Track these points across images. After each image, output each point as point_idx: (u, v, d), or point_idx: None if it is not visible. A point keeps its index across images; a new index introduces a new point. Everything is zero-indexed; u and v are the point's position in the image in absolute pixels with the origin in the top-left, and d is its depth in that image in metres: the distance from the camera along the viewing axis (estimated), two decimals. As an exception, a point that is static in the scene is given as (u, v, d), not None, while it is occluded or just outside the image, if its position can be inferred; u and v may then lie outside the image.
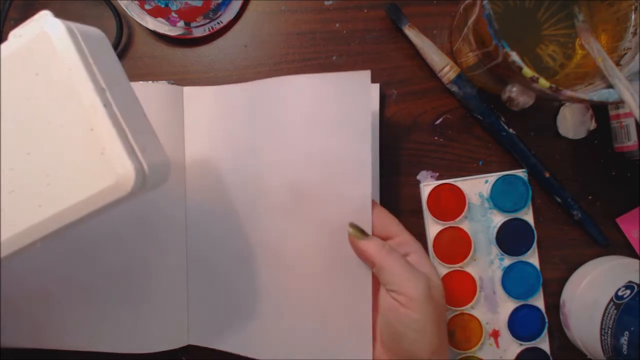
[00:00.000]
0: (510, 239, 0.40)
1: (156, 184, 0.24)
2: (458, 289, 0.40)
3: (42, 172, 0.23)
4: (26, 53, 0.22)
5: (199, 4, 0.38)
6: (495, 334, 0.41)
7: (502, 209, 0.40)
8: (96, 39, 0.24)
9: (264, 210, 0.39)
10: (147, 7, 0.38)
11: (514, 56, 0.28)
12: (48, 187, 0.23)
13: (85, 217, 0.23)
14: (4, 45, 0.23)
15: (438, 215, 0.40)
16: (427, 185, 0.40)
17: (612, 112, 0.40)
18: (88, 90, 0.22)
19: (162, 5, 0.38)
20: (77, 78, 0.22)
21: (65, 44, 0.22)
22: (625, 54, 0.33)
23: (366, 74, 0.35)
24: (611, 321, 0.34)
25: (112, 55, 0.25)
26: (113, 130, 0.22)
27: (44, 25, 0.22)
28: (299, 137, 0.38)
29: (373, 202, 0.35)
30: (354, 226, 0.34)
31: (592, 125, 0.40)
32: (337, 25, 0.40)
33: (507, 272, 0.40)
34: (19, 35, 0.22)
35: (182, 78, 0.41)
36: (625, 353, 0.33)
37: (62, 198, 0.23)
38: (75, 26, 0.23)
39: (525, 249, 0.40)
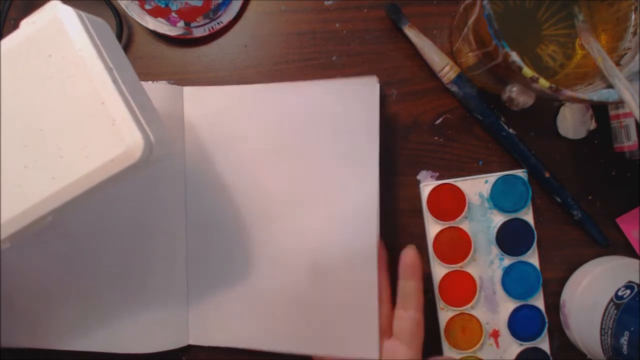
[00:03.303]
0: (510, 239, 0.40)
1: (160, 156, 0.26)
2: (458, 289, 0.40)
3: (55, 146, 0.25)
4: (40, 37, 0.24)
5: (199, 4, 0.38)
6: (495, 334, 0.41)
7: (502, 209, 0.40)
8: (100, 25, 0.26)
9: (265, 209, 0.39)
10: (147, 7, 0.38)
11: (514, 56, 0.28)
12: (61, 159, 0.25)
13: (96, 187, 0.25)
14: (18, 31, 0.25)
15: (438, 215, 0.40)
16: (427, 185, 0.40)
17: (612, 112, 0.40)
18: (98, 68, 0.24)
19: (162, 5, 0.38)
20: (88, 57, 0.24)
21: (76, 27, 0.24)
22: (625, 54, 0.33)
23: (373, 80, 0.36)
24: (611, 321, 0.34)
25: (115, 41, 0.27)
26: (122, 104, 0.24)
27: (56, 12, 0.24)
28: (300, 138, 0.38)
29: (414, 274, 0.36)
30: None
31: (592, 125, 0.40)
32: (337, 25, 0.40)
33: (507, 272, 0.40)
34: (31, 22, 0.25)
35: (182, 78, 0.41)
36: (625, 353, 0.33)
37: (74, 169, 0.24)
38: (83, 13, 0.25)
39: (525, 249, 0.40)
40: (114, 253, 0.39)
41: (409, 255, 0.36)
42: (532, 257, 0.41)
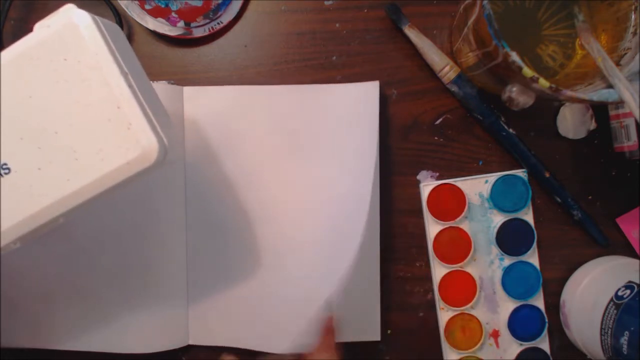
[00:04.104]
0: (510, 239, 0.40)
1: (173, 159, 0.26)
2: (458, 289, 0.40)
3: (70, 149, 0.25)
4: (55, 41, 0.24)
5: (199, 4, 0.38)
6: (495, 334, 0.41)
7: (502, 209, 0.40)
8: (114, 29, 0.26)
9: (265, 209, 0.39)
10: (147, 7, 0.38)
11: (514, 56, 0.28)
12: (76, 162, 0.25)
13: (110, 190, 0.25)
14: (32, 35, 0.25)
15: (438, 215, 0.40)
16: (427, 185, 0.40)
17: (612, 112, 0.40)
18: (114, 73, 0.24)
19: (162, 5, 0.38)
20: (104, 62, 0.24)
21: (91, 32, 0.24)
22: (625, 54, 0.33)
23: (374, 85, 0.37)
24: (611, 321, 0.34)
25: (128, 45, 0.27)
26: (138, 108, 0.24)
27: (72, 16, 0.24)
28: (300, 140, 0.39)
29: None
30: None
31: (592, 125, 0.40)
32: (337, 25, 0.40)
33: (507, 272, 0.40)
34: (46, 25, 0.25)
35: (182, 78, 0.41)
36: (625, 353, 0.33)
37: (89, 171, 0.25)
38: (98, 17, 0.25)
39: (525, 249, 0.40)
40: (114, 253, 0.39)
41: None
42: (532, 257, 0.41)
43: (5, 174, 0.25)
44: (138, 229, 0.39)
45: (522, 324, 0.40)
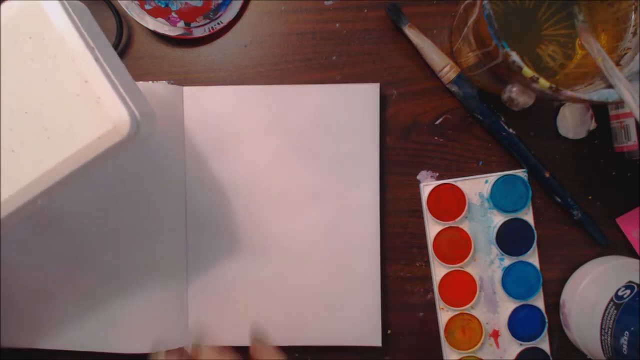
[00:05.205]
0: (510, 239, 0.40)
1: (147, 132, 0.26)
2: (458, 289, 0.40)
3: (41, 128, 0.24)
4: (19, 19, 0.24)
5: (199, 4, 0.38)
6: (495, 334, 0.41)
7: (502, 209, 0.40)
8: (79, 7, 0.26)
9: (265, 209, 0.40)
10: (147, 7, 0.38)
11: (514, 56, 0.28)
12: (48, 140, 0.24)
13: (84, 167, 0.25)
14: None
15: (438, 215, 0.40)
16: (427, 185, 0.40)
17: (612, 112, 0.40)
18: (80, 47, 0.24)
19: (162, 5, 0.38)
20: (69, 37, 0.24)
21: (55, 8, 0.24)
22: (625, 54, 0.33)
23: (375, 87, 0.37)
24: (611, 321, 0.34)
25: (94, 22, 0.27)
26: (106, 81, 0.24)
27: None
28: (299, 139, 0.39)
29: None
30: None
31: (592, 125, 0.40)
32: (337, 25, 0.40)
33: (507, 272, 0.40)
34: (9, 5, 0.24)
35: (182, 78, 0.41)
36: (625, 353, 0.33)
37: (62, 149, 0.24)
38: None
39: (525, 249, 0.40)
40: (114, 252, 0.39)
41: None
42: (532, 257, 0.41)
43: None
44: (137, 228, 0.39)
45: (522, 324, 0.40)
